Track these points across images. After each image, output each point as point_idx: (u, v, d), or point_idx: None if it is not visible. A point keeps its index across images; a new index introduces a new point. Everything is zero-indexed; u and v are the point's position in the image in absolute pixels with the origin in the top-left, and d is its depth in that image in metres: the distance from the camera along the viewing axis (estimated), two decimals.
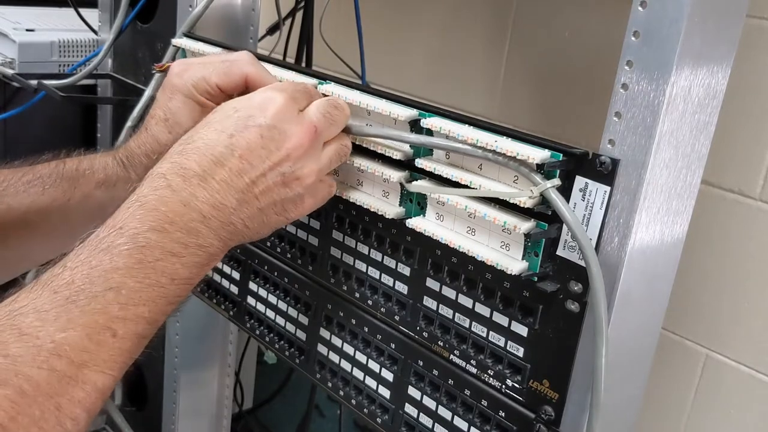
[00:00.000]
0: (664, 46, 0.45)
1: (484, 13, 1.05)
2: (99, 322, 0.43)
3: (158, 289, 0.46)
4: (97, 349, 0.43)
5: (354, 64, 1.08)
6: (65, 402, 0.41)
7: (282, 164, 0.52)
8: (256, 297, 0.78)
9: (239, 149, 0.51)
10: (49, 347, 0.41)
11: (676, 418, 0.92)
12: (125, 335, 0.44)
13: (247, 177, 0.51)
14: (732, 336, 0.86)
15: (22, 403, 0.39)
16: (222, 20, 0.92)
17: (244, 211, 0.51)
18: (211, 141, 0.51)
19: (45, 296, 0.43)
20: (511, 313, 0.55)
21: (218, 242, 0.50)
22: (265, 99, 0.54)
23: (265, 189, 0.52)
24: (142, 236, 0.46)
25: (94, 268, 0.44)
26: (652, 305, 0.54)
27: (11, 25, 1.16)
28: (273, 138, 0.52)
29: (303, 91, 0.57)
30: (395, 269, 0.63)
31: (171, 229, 0.47)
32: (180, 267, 0.48)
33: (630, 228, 0.48)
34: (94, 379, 0.42)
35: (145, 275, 0.46)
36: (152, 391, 1.18)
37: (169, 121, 0.63)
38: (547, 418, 0.53)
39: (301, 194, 0.54)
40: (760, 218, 0.82)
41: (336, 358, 0.69)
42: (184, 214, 0.48)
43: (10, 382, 0.39)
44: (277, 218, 0.54)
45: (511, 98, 1.04)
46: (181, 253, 0.48)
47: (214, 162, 0.50)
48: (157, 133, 0.64)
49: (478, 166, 0.53)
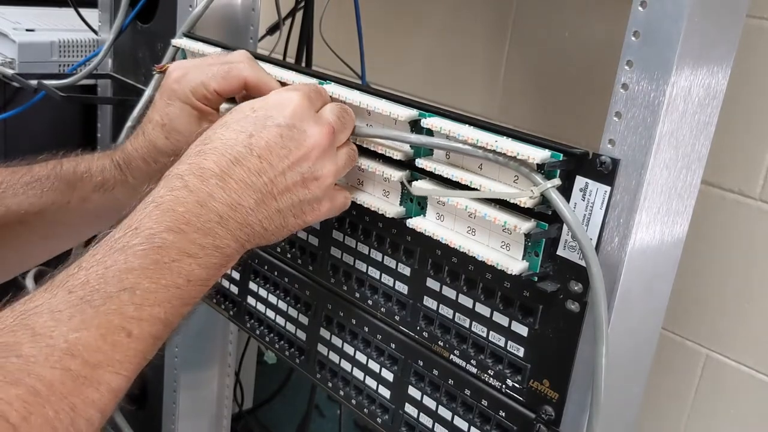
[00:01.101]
0: (664, 46, 0.45)
1: (484, 14, 1.05)
2: (114, 323, 0.43)
3: (174, 290, 0.46)
4: (112, 350, 0.42)
5: (354, 64, 1.08)
6: (79, 402, 0.40)
7: (301, 163, 0.52)
8: (256, 297, 0.78)
9: (258, 148, 0.51)
10: (63, 347, 0.40)
11: (676, 418, 0.92)
12: (140, 336, 0.44)
13: (266, 176, 0.51)
14: (732, 336, 0.86)
15: (35, 403, 0.38)
16: (222, 20, 0.92)
17: (262, 211, 0.51)
18: (230, 141, 0.51)
19: (60, 296, 0.42)
20: (511, 313, 0.55)
21: (235, 243, 0.50)
22: (282, 99, 0.54)
23: (284, 189, 0.52)
24: (158, 237, 0.46)
25: (109, 268, 0.44)
26: (652, 305, 0.54)
27: (11, 25, 1.15)
28: (293, 137, 0.52)
29: (317, 92, 0.57)
30: (395, 269, 0.63)
31: (187, 229, 0.47)
32: (196, 268, 0.47)
33: (630, 228, 0.48)
34: (108, 380, 0.42)
35: (160, 276, 0.45)
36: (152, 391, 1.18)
37: (166, 126, 0.62)
38: (547, 418, 0.53)
39: (318, 197, 0.54)
40: (761, 218, 0.82)
41: (336, 358, 0.69)
42: (201, 215, 0.48)
43: (23, 382, 0.38)
44: (294, 221, 0.54)
45: (511, 98, 1.04)
46: (198, 254, 0.47)
47: (233, 161, 0.50)
48: (155, 138, 0.63)
49: (479, 166, 0.53)
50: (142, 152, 0.64)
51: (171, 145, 0.62)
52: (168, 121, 0.62)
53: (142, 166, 0.64)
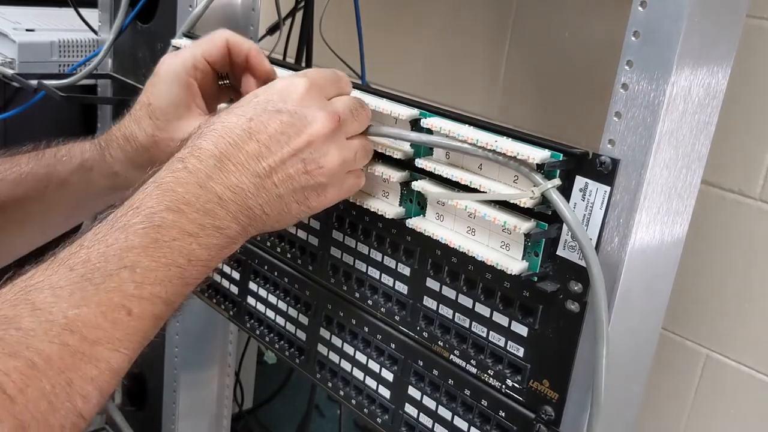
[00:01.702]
0: (664, 46, 0.45)
1: (484, 14, 1.05)
2: (114, 300, 0.43)
3: (175, 269, 0.46)
4: (112, 327, 0.42)
5: (354, 64, 1.08)
6: (77, 378, 0.40)
7: (303, 151, 0.51)
8: (256, 297, 0.78)
9: (257, 133, 0.51)
10: (62, 323, 0.40)
11: (676, 418, 0.92)
12: (141, 314, 0.44)
13: (265, 162, 0.50)
14: (732, 336, 0.86)
15: (32, 375, 0.38)
16: (222, 20, 0.92)
17: (262, 196, 0.51)
18: (230, 124, 0.51)
19: (61, 273, 0.43)
20: (511, 313, 0.55)
21: (237, 225, 0.50)
22: (287, 85, 0.53)
23: (285, 176, 0.51)
24: (157, 216, 0.46)
25: (109, 246, 0.44)
26: (653, 305, 0.54)
27: (11, 25, 1.15)
28: (293, 124, 0.51)
29: (331, 78, 0.56)
30: (395, 269, 0.63)
31: (187, 209, 0.47)
32: (197, 247, 0.47)
33: (630, 228, 0.48)
34: (107, 357, 0.42)
35: (161, 254, 0.45)
36: (152, 391, 1.18)
37: (151, 105, 0.63)
38: (547, 418, 0.53)
39: (323, 183, 0.53)
40: (761, 218, 0.82)
41: (336, 358, 0.69)
42: (200, 196, 0.48)
43: (21, 355, 0.38)
44: (298, 207, 0.53)
45: (511, 98, 1.04)
46: (198, 233, 0.47)
47: (232, 144, 0.50)
48: (139, 117, 0.64)
49: (478, 166, 0.53)
50: (123, 131, 0.65)
51: (153, 125, 0.63)
52: (153, 99, 0.63)
53: (122, 144, 0.64)
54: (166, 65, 0.63)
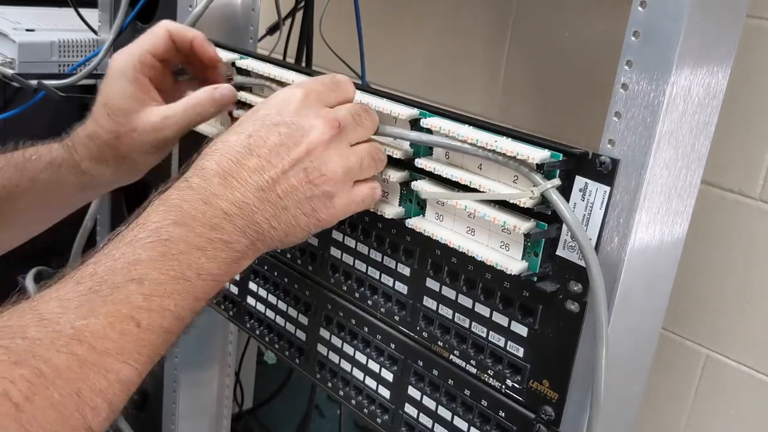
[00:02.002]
0: (664, 46, 0.45)
1: (484, 14, 1.05)
2: (122, 312, 0.43)
3: (184, 283, 0.46)
4: (120, 339, 0.42)
5: (354, 64, 1.08)
6: (86, 389, 0.40)
7: (303, 160, 0.51)
8: (256, 297, 0.78)
9: (257, 148, 0.51)
10: (69, 333, 0.40)
11: (676, 418, 0.92)
12: (150, 327, 0.44)
13: (267, 175, 0.50)
14: (732, 336, 0.86)
15: (40, 384, 0.38)
16: (222, 20, 0.92)
17: (268, 209, 0.50)
18: (230, 142, 0.52)
19: (68, 287, 0.43)
20: (511, 313, 0.55)
21: (245, 239, 0.50)
22: (284, 97, 0.54)
23: (288, 187, 0.51)
24: (164, 230, 0.46)
25: (116, 260, 0.45)
26: (652, 305, 0.54)
27: (11, 25, 1.15)
28: (291, 134, 0.51)
29: (329, 85, 0.56)
30: (395, 269, 0.63)
31: (194, 224, 0.47)
32: (206, 261, 0.47)
33: (630, 228, 0.48)
34: (116, 369, 0.42)
35: (169, 267, 0.45)
36: (152, 391, 1.18)
37: (107, 105, 0.65)
38: (547, 418, 0.53)
39: (328, 192, 0.52)
40: (761, 218, 0.82)
41: (336, 358, 0.69)
42: (206, 212, 0.48)
43: (28, 363, 0.38)
44: (306, 219, 0.52)
45: (511, 98, 1.04)
46: (206, 247, 0.48)
47: (234, 162, 0.50)
48: (98, 117, 0.66)
49: (478, 166, 0.53)
50: (87, 130, 0.67)
51: (112, 122, 0.65)
52: (108, 99, 0.65)
53: (86, 142, 0.66)
54: (115, 64, 0.65)
